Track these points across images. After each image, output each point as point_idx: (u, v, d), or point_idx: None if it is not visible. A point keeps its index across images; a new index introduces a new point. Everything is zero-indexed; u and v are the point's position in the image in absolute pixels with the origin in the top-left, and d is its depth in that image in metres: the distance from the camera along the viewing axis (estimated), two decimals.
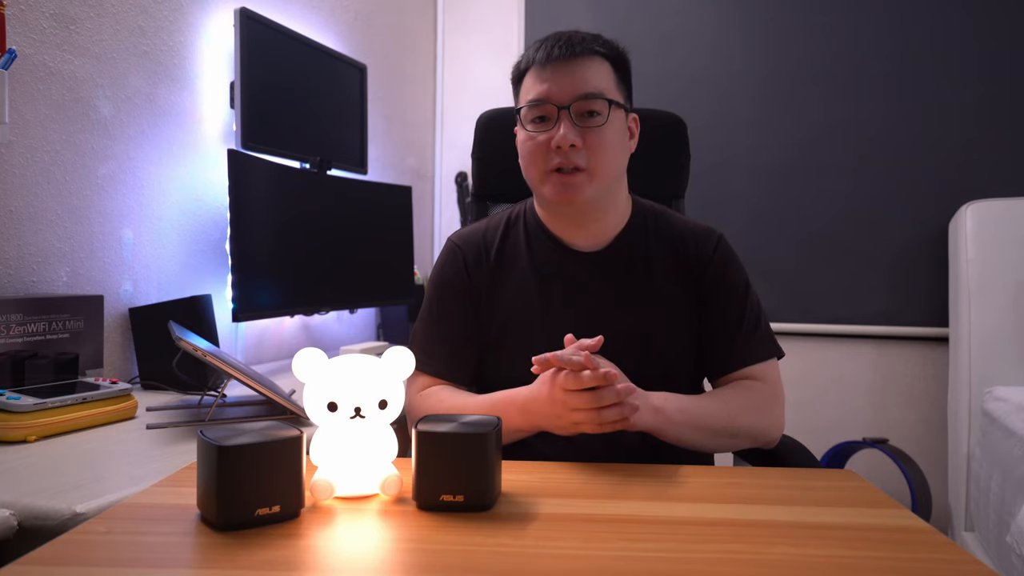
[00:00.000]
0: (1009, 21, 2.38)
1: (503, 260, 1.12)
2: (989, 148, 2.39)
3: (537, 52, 1.03)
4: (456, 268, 1.13)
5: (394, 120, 2.66)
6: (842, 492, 0.81)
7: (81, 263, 1.44)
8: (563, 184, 1.02)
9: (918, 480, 2.10)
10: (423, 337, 1.12)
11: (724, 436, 0.99)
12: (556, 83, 1.01)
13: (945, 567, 0.61)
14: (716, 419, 0.98)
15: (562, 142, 0.99)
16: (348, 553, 0.63)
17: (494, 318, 1.10)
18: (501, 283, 1.11)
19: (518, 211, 1.17)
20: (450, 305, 1.12)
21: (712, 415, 0.98)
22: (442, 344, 1.10)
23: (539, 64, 1.03)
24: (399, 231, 2.29)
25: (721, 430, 0.98)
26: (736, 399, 1.03)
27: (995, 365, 2.10)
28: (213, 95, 1.78)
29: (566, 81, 1.01)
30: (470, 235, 1.16)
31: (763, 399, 1.04)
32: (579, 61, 1.01)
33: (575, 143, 0.99)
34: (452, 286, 1.12)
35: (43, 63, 1.35)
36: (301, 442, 0.69)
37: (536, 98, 1.02)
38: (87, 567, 0.58)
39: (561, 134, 0.99)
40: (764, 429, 1.02)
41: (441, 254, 1.17)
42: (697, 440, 0.98)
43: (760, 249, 2.52)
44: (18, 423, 1.03)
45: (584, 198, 1.02)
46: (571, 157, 1.00)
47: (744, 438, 1.01)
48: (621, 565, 0.60)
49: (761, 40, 2.57)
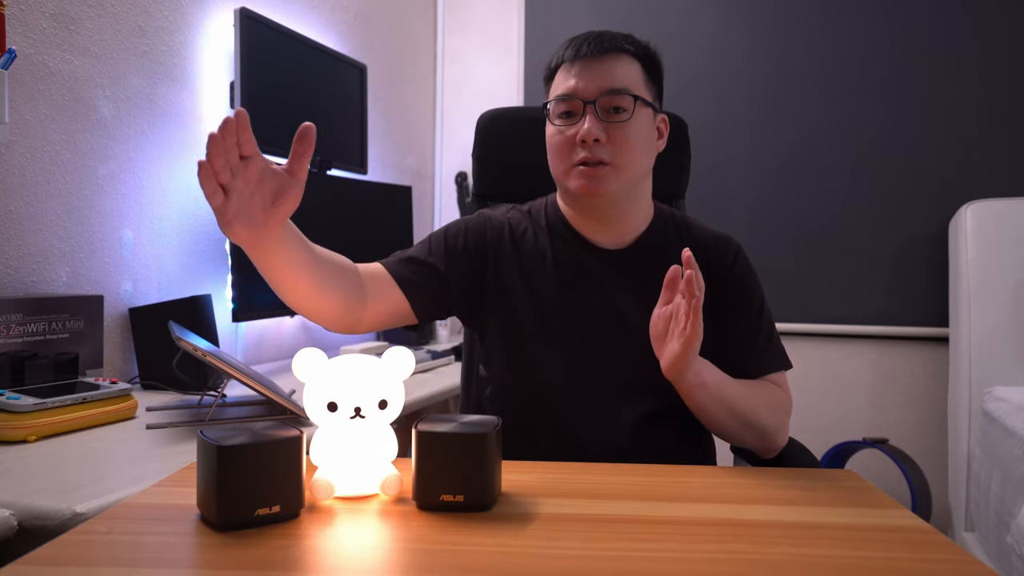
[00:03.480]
0: (1009, 21, 2.38)
1: (522, 248, 1.11)
2: (989, 148, 2.39)
3: (567, 50, 1.05)
4: (480, 227, 1.12)
5: (394, 120, 2.66)
6: (842, 492, 0.81)
7: (81, 263, 1.44)
8: (587, 176, 1.02)
9: (918, 480, 2.10)
10: (409, 252, 1.10)
11: (740, 423, 0.98)
12: (583, 78, 1.02)
13: (945, 567, 0.61)
14: (741, 404, 0.97)
15: (586, 136, 1.00)
16: (348, 553, 0.63)
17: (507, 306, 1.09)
18: (520, 271, 1.10)
19: (540, 204, 1.16)
20: (452, 240, 1.10)
21: (739, 399, 0.97)
22: (406, 266, 1.07)
23: (568, 61, 1.04)
24: (399, 231, 2.29)
25: (741, 416, 0.97)
26: (760, 392, 1.03)
27: (995, 365, 2.10)
28: (213, 95, 1.78)
29: (593, 76, 1.02)
30: (499, 214, 1.16)
31: (779, 402, 1.04)
32: (607, 58, 1.03)
33: (599, 137, 1.00)
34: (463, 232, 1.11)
35: (43, 63, 1.35)
36: (301, 442, 0.69)
37: (563, 93, 1.03)
38: (87, 567, 0.58)
39: (586, 128, 1.00)
40: (773, 431, 1.01)
41: (468, 217, 1.16)
42: (717, 417, 0.96)
43: (760, 249, 2.50)
44: (18, 423, 1.03)
45: (608, 191, 1.02)
46: (595, 151, 1.01)
47: (754, 433, 1.00)
48: (621, 565, 0.60)
49: (761, 40, 2.57)
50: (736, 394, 0.97)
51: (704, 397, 0.94)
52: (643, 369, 0.95)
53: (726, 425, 0.98)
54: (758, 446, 1.02)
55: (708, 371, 0.94)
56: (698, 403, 0.95)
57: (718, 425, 0.99)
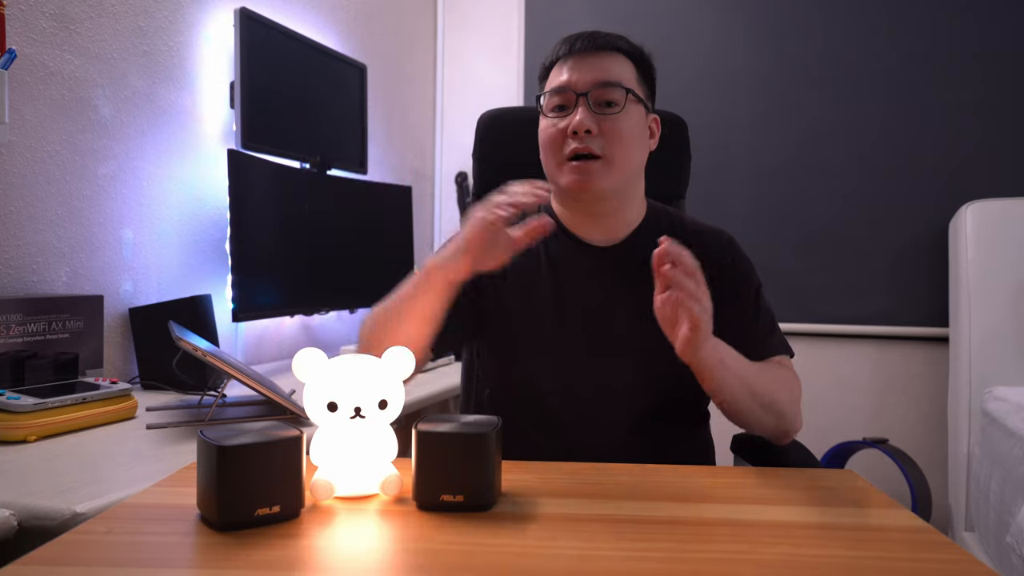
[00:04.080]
0: (1010, 21, 2.38)
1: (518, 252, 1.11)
2: (989, 148, 2.39)
3: (562, 47, 1.07)
4: None
5: (394, 120, 2.66)
6: (842, 492, 0.81)
7: (81, 263, 1.44)
8: (579, 172, 1.02)
9: (918, 480, 2.10)
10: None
11: (758, 403, 0.96)
12: (576, 71, 1.03)
13: (945, 567, 0.61)
14: (758, 382, 0.96)
15: (578, 127, 1.01)
16: (348, 553, 0.63)
17: (502, 307, 1.09)
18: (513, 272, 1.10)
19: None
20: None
21: (756, 377, 0.96)
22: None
23: (563, 57, 1.06)
24: (399, 231, 2.29)
25: (761, 395, 0.96)
26: (774, 372, 1.02)
27: (995, 365, 2.10)
28: (213, 95, 1.78)
29: (586, 69, 1.03)
30: None
31: (793, 383, 1.03)
32: (601, 54, 1.04)
33: (591, 128, 1.01)
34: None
35: (43, 63, 1.35)
36: (301, 442, 0.69)
37: (556, 86, 1.04)
38: (87, 567, 0.58)
39: (578, 119, 1.01)
40: (791, 414, 0.99)
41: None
42: (736, 394, 0.95)
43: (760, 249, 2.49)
44: (18, 423, 1.03)
45: (599, 187, 1.02)
46: (587, 143, 1.01)
47: (771, 415, 0.98)
48: (621, 565, 0.60)
49: (761, 40, 2.57)
50: (754, 373, 0.96)
51: (724, 375, 0.92)
52: (640, 367, 0.95)
53: (746, 407, 0.96)
54: (775, 429, 1.01)
55: (725, 349, 0.93)
56: (717, 382, 0.93)
57: (738, 407, 0.97)
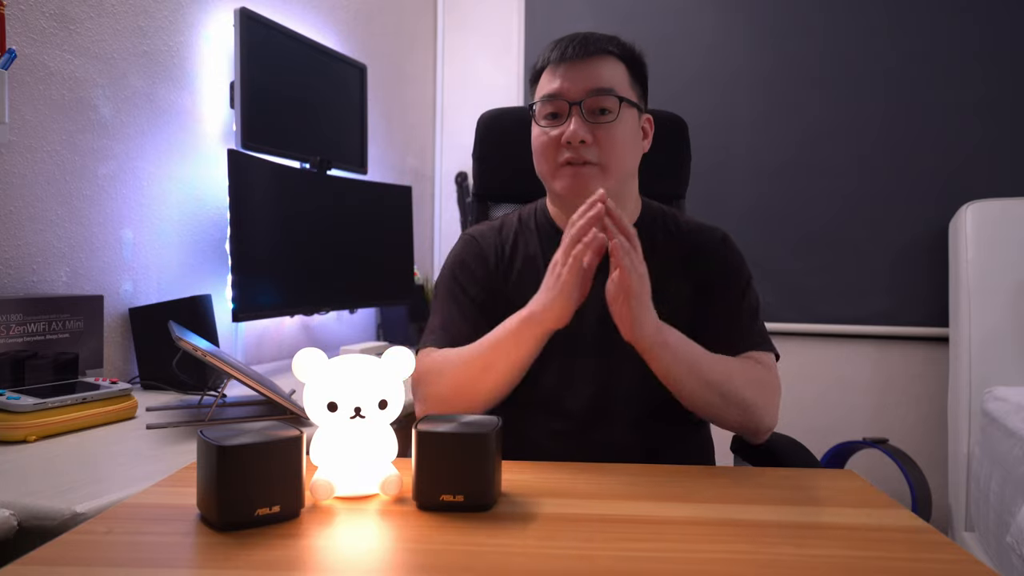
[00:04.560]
0: (1010, 21, 2.38)
1: (516, 258, 1.12)
2: (989, 148, 2.39)
3: (552, 52, 1.05)
4: (474, 255, 1.13)
5: (394, 120, 2.66)
6: (842, 492, 0.81)
7: (81, 263, 1.44)
8: (573, 175, 1.02)
9: (918, 480, 2.10)
10: (440, 317, 1.10)
11: (714, 392, 0.96)
12: (568, 79, 1.02)
13: (945, 567, 0.61)
14: (712, 371, 0.96)
15: (572, 137, 1.00)
16: (348, 553, 0.63)
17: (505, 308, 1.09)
18: (514, 280, 1.11)
19: (529, 210, 1.17)
20: (469, 286, 1.11)
21: (710, 366, 0.97)
22: (463, 319, 1.09)
23: (553, 63, 1.05)
24: (399, 231, 2.29)
25: (714, 383, 0.96)
26: (738, 365, 1.01)
27: (995, 365, 2.10)
28: (213, 95, 1.78)
29: (578, 78, 1.02)
30: (487, 231, 1.16)
31: (765, 379, 1.02)
32: (592, 60, 1.03)
33: (585, 138, 1.00)
34: (470, 270, 1.12)
35: (43, 63, 1.35)
36: (301, 442, 0.69)
37: (549, 94, 1.04)
38: (87, 567, 0.58)
39: (572, 130, 1.00)
40: (757, 407, 0.99)
41: (457, 245, 1.17)
42: (686, 382, 0.95)
43: (760, 249, 2.51)
44: (18, 423, 1.03)
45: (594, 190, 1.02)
46: (581, 152, 1.01)
47: (734, 406, 0.98)
48: (621, 565, 0.60)
49: (761, 40, 2.57)
50: (707, 360, 0.97)
51: (669, 359, 0.94)
52: (640, 367, 0.95)
53: (700, 396, 0.97)
54: (743, 424, 1.00)
55: (671, 332, 0.95)
56: (664, 366, 0.94)
57: (692, 395, 0.97)
